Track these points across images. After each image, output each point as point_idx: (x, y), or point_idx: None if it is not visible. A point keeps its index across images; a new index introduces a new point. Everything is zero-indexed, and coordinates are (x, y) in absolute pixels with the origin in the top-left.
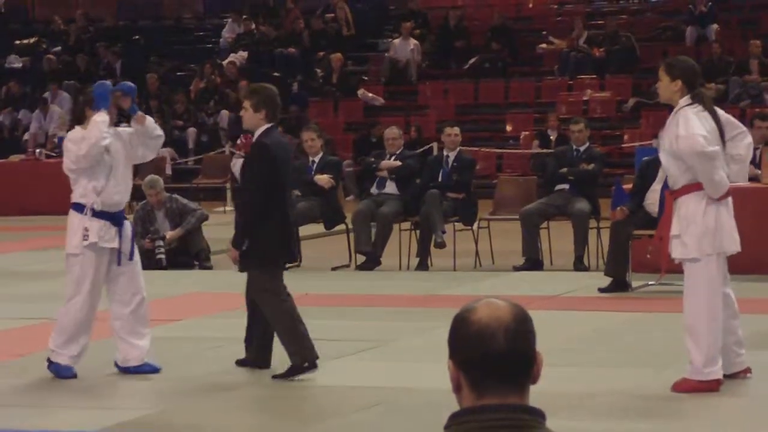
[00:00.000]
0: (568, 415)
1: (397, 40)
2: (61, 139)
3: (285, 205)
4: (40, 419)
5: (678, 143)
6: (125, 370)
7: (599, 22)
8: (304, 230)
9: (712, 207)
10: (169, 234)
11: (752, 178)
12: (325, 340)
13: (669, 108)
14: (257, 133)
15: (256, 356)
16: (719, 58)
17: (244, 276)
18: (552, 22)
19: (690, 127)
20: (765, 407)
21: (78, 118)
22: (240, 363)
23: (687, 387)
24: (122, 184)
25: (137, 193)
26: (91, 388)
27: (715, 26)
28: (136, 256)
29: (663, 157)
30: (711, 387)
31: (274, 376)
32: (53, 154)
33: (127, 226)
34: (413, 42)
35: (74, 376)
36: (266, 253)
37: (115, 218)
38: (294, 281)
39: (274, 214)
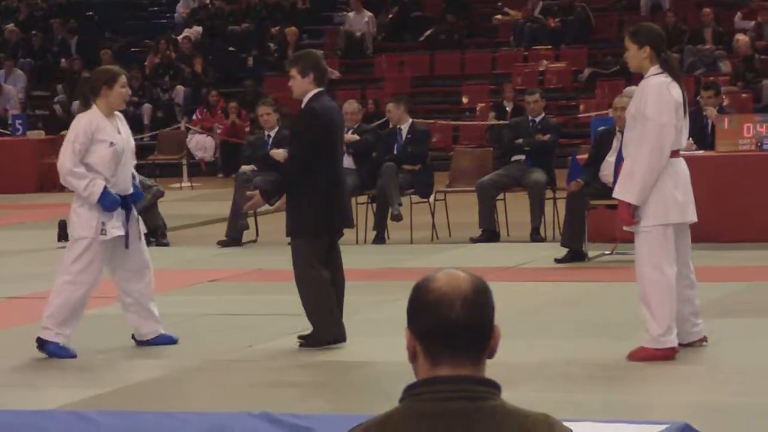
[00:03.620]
0: (525, 385)
1: (351, 13)
2: (15, 117)
3: (334, 172)
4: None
5: (644, 124)
6: (143, 344)
7: None
8: None
9: (658, 179)
10: None
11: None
12: (281, 315)
13: (626, 76)
14: (306, 98)
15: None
16: (673, 26)
17: (200, 252)
18: None
19: (659, 112)
20: (721, 374)
21: (88, 97)
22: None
23: (643, 355)
24: (128, 169)
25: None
26: (47, 367)
27: None
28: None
29: (628, 119)
30: (667, 355)
31: (300, 337)
32: (7, 132)
33: (134, 208)
34: (367, 14)
35: (74, 355)
36: (307, 222)
37: (124, 203)
38: (250, 256)
39: (318, 183)
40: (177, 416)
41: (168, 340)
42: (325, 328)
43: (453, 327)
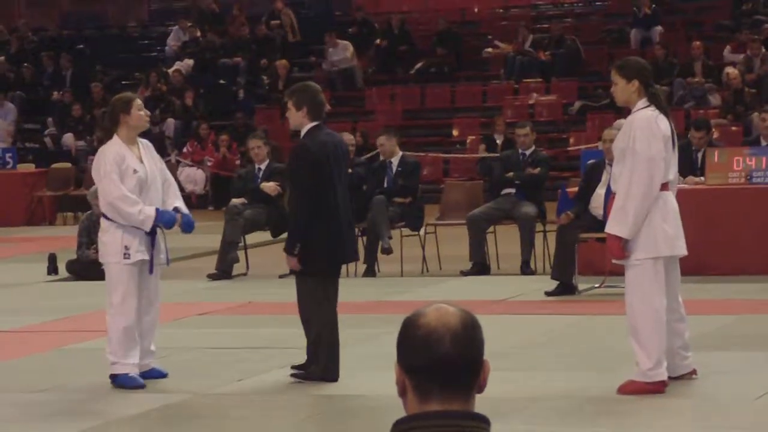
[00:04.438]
0: (515, 419)
1: (330, 49)
2: (5, 150)
3: (332, 207)
4: None
5: (634, 158)
6: None
7: (544, 25)
8: (250, 238)
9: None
10: None
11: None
12: (272, 348)
13: (616, 109)
14: (302, 132)
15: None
16: (663, 60)
17: (190, 285)
18: (497, 26)
19: (648, 146)
20: (710, 407)
21: (110, 129)
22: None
23: (633, 389)
24: (155, 196)
25: (83, 204)
26: (32, 402)
27: (659, 28)
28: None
29: (617, 153)
30: (657, 389)
31: (293, 366)
32: None
33: (159, 234)
34: (342, 44)
35: (143, 385)
36: (310, 259)
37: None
38: (240, 289)
39: (319, 220)
40: None
41: (158, 374)
42: (320, 365)
43: (442, 362)
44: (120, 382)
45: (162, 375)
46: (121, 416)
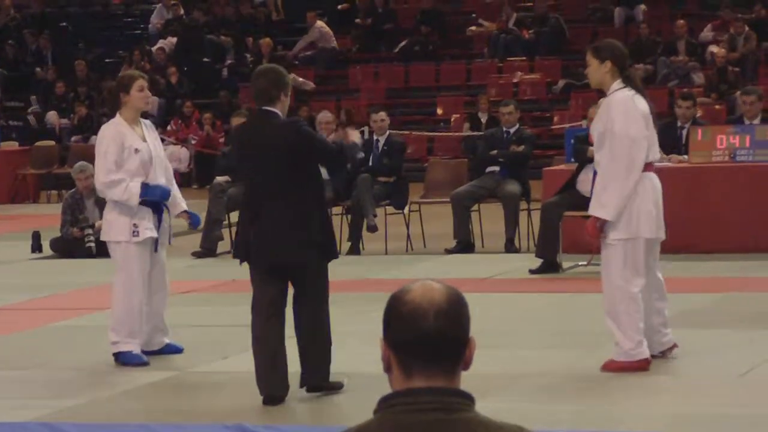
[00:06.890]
0: (499, 397)
1: (316, 29)
2: None
3: (249, 200)
4: None
5: (614, 139)
6: (149, 353)
7: (528, 4)
8: (234, 216)
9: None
10: (99, 222)
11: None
12: None
13: (598, 91)
14: None
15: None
16: (647, 38)
17: (175, 263)
18: (481, 4)
19: (627, 126)
20: (692, 385)
21: (113, 107)
22: None
23: (616, 367)
24: (160, 174)
25: (66, 182)
26: (18, 379)
27: (642, 7)
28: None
29: (596, 137)
30: (640, 366)
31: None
32: None
33: (166, 214)
34: (317, 24)
35: (147, 363)
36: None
37: (156, 206)
38: (225, 267)
39: (243, 209)
40: (151, 428)
41: (174, 350)
42: (259, 381)
43: (427, 338)
44: (124, 359)
45: (178, 350)
46: (103, 395)
